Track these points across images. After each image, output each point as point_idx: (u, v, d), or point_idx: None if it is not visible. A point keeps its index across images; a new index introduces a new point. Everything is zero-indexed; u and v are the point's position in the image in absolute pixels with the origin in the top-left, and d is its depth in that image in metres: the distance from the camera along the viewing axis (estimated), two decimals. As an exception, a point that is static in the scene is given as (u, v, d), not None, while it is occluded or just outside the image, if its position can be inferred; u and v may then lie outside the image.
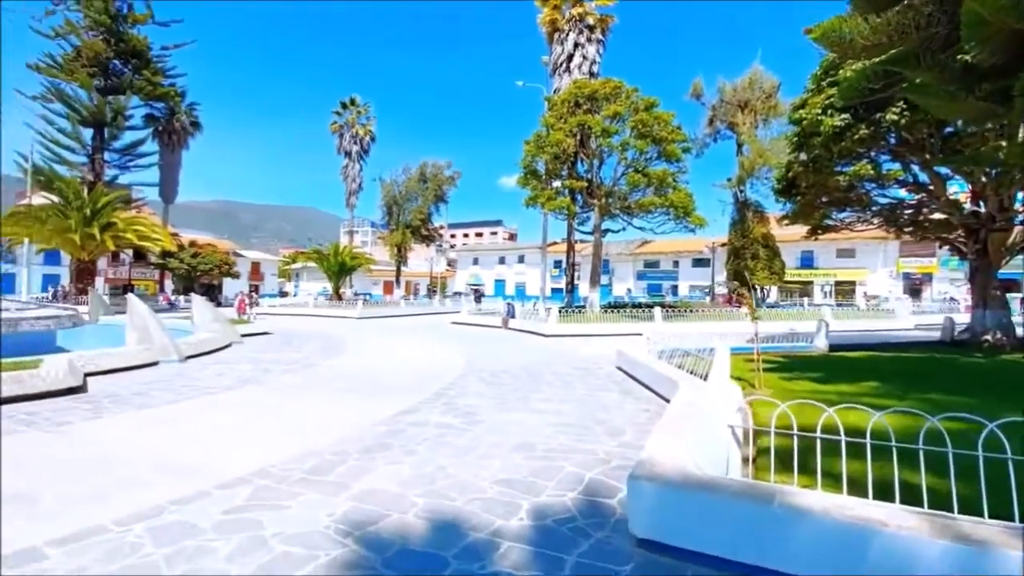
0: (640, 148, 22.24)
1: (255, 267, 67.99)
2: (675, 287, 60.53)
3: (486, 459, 4.87)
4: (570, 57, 30.40)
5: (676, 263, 61.62)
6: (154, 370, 9.86)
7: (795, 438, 3.35)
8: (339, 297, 38.36)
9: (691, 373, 7.63)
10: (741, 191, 35.67)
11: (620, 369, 10.59)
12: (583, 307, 25.39)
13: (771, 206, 34.94)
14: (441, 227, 63.70)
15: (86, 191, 31.05)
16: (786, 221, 18.78)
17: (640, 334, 17.60)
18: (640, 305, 28.38)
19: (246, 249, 79.25)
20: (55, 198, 30.01)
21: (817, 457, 3.20)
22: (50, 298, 33.42)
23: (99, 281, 38.50)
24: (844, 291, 49.63)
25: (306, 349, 13.86)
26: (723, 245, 42.92)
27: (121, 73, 38.50)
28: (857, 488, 3.02)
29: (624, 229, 26.31)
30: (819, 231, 18.25)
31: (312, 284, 68.92)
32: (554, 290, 67.10)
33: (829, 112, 13.42)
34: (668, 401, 7.36)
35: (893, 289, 46.11)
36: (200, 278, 44.65)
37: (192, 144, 45.89)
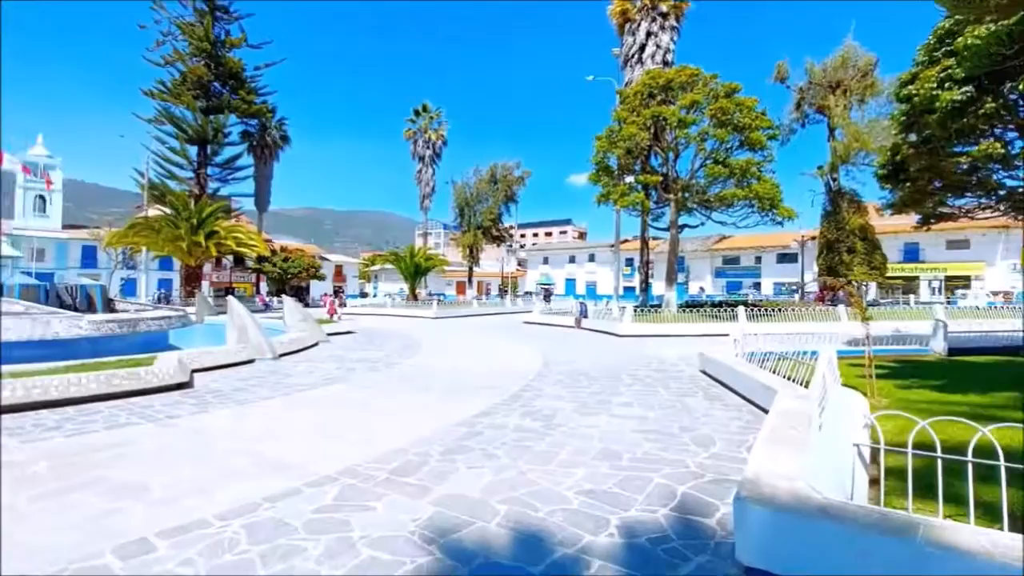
0: (720, 137, 21.01)
1: (338, 270, 72.04)
2: (757, 285, 56.96)
3: (569, 467, 4.66)
4: (642, 47, 29.41)
5: (758, 259, 57.98)
6: (251, 367, 10.56)
7: (939, 461, 2.86)
8: (415, 297, 39.65)
9: (789, 379, 6.98)
10: (834, 179, 32.80)
11: (704, 373, 9.98)
12: (658, 306, 24.45)
13: (870, 194, 31.92)
14: (511, 227, 64.22)
15: (193, 203, 34.28)
16: (890, 210, 16.97)
17: (721, 335, 16.63)
18: (720, 304, 26.89)
19: (330, 253, 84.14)
20: (167, 210, 33.39)
21: (969, 484, 2.71)
22: (154, 301, 37.21)
23: (204, 284, 42.44)
24: (956, 287, 44.26)
25: (386, 348, 14.34)
26: (813, 238, 39.75)
27: (220, 94, 42.11)
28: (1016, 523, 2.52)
29: (703, 224, 25.08)
30: (932, 220, 16.31)
31: (389, 285, 71.87)
32: (626, 289, 65.45)
33: (946, 85, 11.89)
34: (762, 409, 6.80)
35: (1017, 285, 40.51)
36: (290, 280, 47.89)
37: (282, 156, 49.39)
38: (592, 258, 72.59)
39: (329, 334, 16.05)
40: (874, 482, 3.77)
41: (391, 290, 65.43)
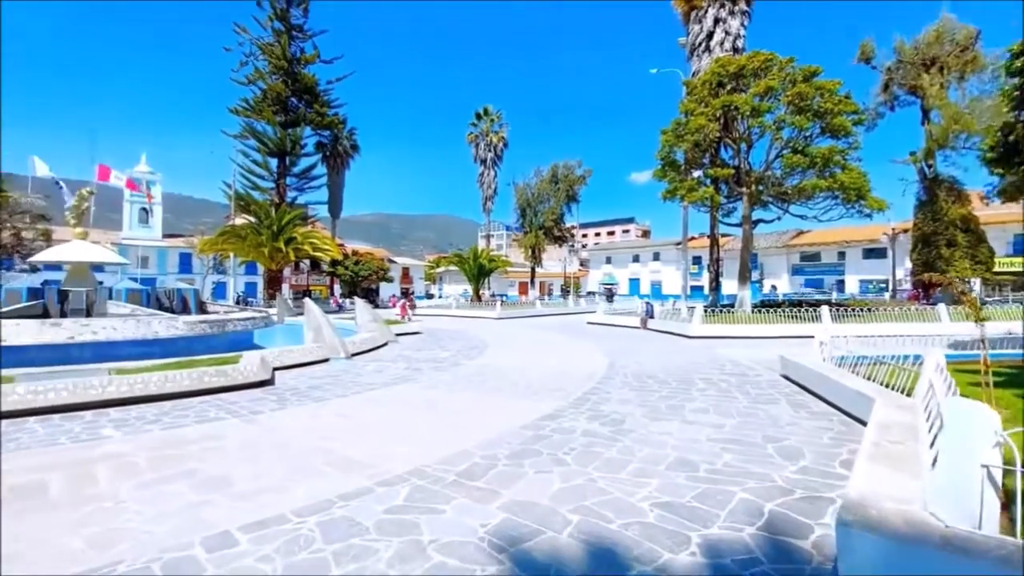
0: (799, 125, 19.59)
1: (405, 272, 74.55)
2: (840, 282, 52.84)
3: (642, 476, 4.43)
4: (709, 35, 28.07)
5: (842, 254, 53.82)
6: (325, 366, 11.04)
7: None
8: (479, 298, 40.18)
9: (887, 387, 6.32)
10: (929, 165, 29.72)
11: (786, 377, 9.30)
12: (730, 306, 23.20)
13: (973, 181, 28.71)
14: (572, 227, 63.67)
15: (273, 211, 36.64)
16: (999, 198, 15.12)
17: (802, 337, 15.52)
18: (800, 303, 25.17)
19: (397, 256, 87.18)
20: (251, 219, 35.89)
21: None
22: (235, 303, 40.00)
23: (284, 287, 45.26)
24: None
25: (452, 348, 14.55)
26: (905, 231, 36.34)
27: (297, 108, 44.71)
28: None
29: (779, 219, 23.49)
30: (1055, 207, 14.35)
31: (453, 287, 73.36)
32: (693, 288, 63.01)
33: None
34: (856, 419, 6.21)
35: None
36: (361, 283, 50.06)
37: (352, 165, 51.79)
38: (657, 257, 70.48)
39: (397, 334, 16.53)
40: (1006, 508, 3.27)
41: (455, 291, 66.85)
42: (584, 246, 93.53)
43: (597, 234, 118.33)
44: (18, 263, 36.94)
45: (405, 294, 55.60)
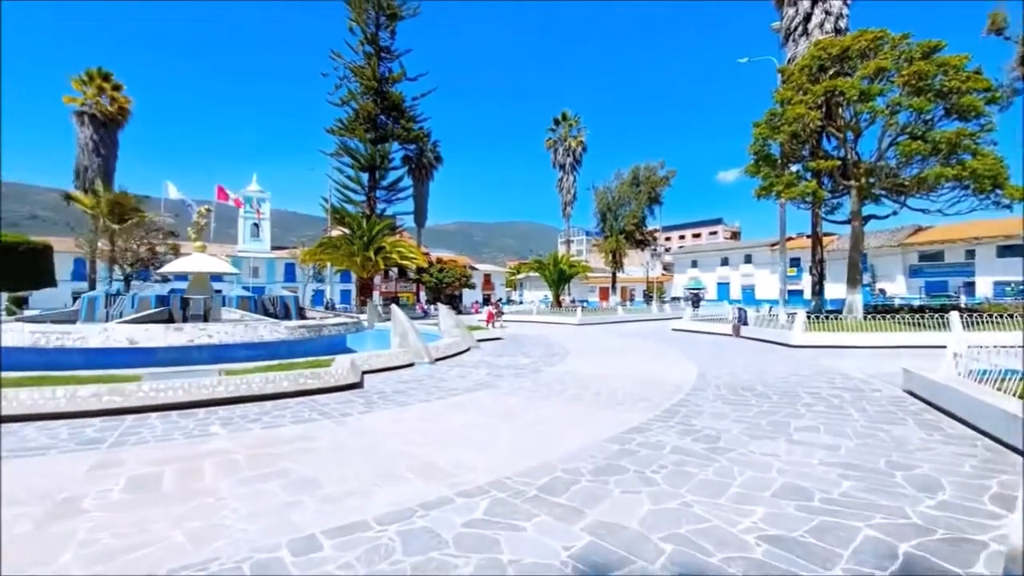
0: (917, 107, 17.39)
1: (487, 278, 76.01)
2: (969, 285, 46.25)
3: (744, 503, 3.97)
4: (807, 17, 25.87)
5: (971, 253, 47.17)
6: (411, 371, 11.35)
7: None
8: (559, 304, 39.88)
9: (1052, 408, 5.27)
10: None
11: (911, 394, 8.15)
12: (836, 312, 21.02)
13: None
14: (655, 231, 61.47)
15: (365, 223, 38.88)
16: None
17: (926, 347, 13.70)
18: (922, 309, 22.31)
19: (479, 263, 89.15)
20: (345, 230, 38.32)
21: None
22: (323, 309, 42.56)
23: (375, 294, 47.83)
24: None
25: (533, 354, 14.44)
26: (1059, 224, 31.01)
27: (385, 125, 47.19)
28: None
29: (895, 213, 21.00)
30: None
31: (533, 292, 73.61)
32: (791, 293, 58.27)
33: None
34: (1006, 446, 5.24)
35: None
36: (445, 289, 51.67)
37: (436, 176, 53.78)
38: (749, 259, 66.16)
39: (479, 340, 16.71)
40: None
41: (535, 297, 66.98)
42: (667, 250, 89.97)
43: (682, 237, 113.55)
44: (153, 274, 42.30)
45: (486, 300, 56.53)
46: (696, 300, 42.74)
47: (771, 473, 4.64)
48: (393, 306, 14.39)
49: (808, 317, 17.94)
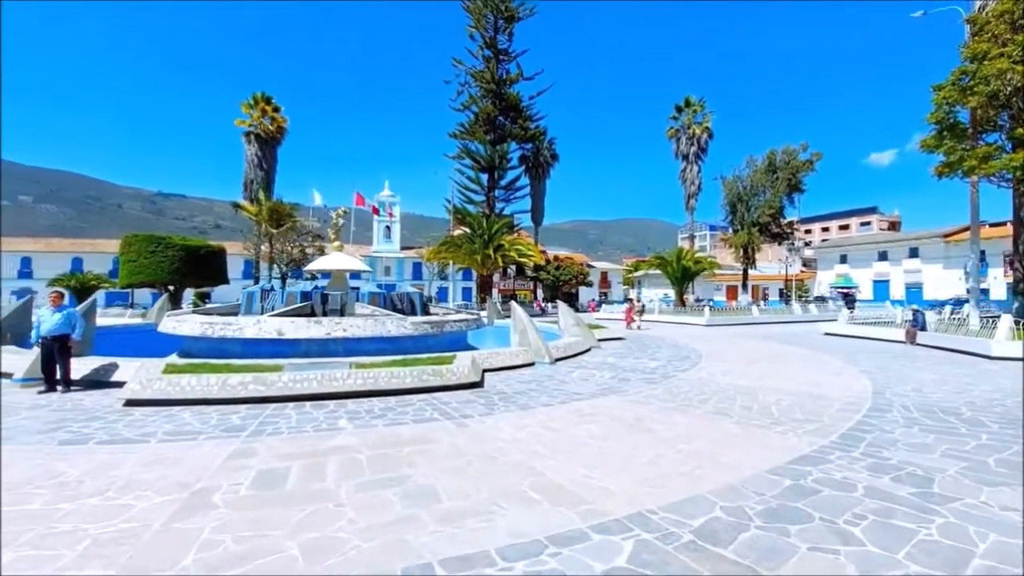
0: None
1: (603, 276, 74.24)
2: None
3: (1011, 590, 2.77)
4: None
5: None
6: (531, 370, 10.90)
7: None
8: (682, 303, 37.29)
9: None
10: None
11: None
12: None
13: None
14: (792, 223, 55.08)
15: (484, 222, 39.83)
16: None
17: None
18: None
19: (595, 261, 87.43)
20: (467, 229, 39.58)
21: None
22: (420, 302, 43.98)
23: (494, 292, 48.95)
24: None
25: (660, 357, 13.24)
26: None
27: (503, 125, 47.99)
28: None
29: None
30: None
31: (652, 291, 70.24)
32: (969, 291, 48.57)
33: None
34: None
35: None
36: (562, 287, 51.23)
37: (552, 173, 53.54)
38: (914, 253, 56.42)
39: (600, 340, 15.84)
40: None
41: (654, 295, 63.75)
42: (807, 244, 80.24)
43: (825, 229, 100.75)
44: (305, 273, 47.66)
45: (602, 298, 55.06)
46: (850, 300, 37.14)
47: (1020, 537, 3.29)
48: (513, 303, 14.10)
49: (1017, 323, 14.33)
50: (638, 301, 23.76)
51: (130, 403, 7.27)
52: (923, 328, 16.39)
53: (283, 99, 45.52)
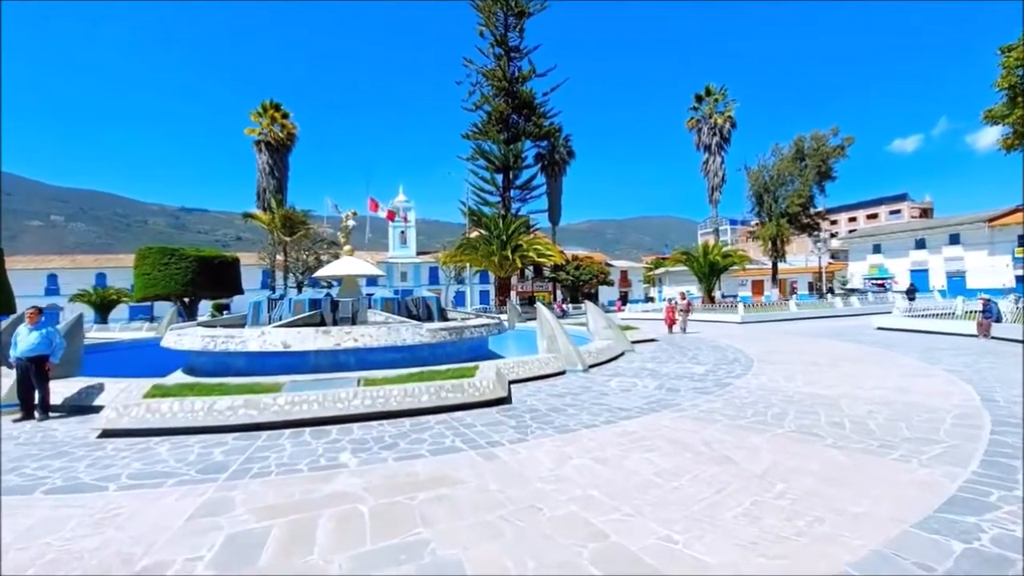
0: None
1: (623, 275, 72.48)
2: None
3: None
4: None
5: None
6: (563, 380, 9.66)
7: None
8: (711, 300, 35.59)
9: None
10: None
11: None
12: None
13: None
14: (822, 212, 52.69)
15: (501, 222, 38.69)
16: None
17: None
18: None
19: (614, 260, 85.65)
20: (483, 231, 38.48)
21: None
22: (422, 305, 42.88)
23: (512, 294, 47.75)
24: None
25: (704, 360, 11.86)
26: None
27: (517, 124, 46.82)
28: None
29: None
30: None
31: (674, 288, 68.26)
32: (1020, 279, 45.88)
33: None
34: None
35: None
36: (582, 287, 49.81)
37: (568, 171, 52.20)
38: (955, 239, 53.51)
39: (633, 342, 14.51)
40: None
41: (675, 293, 61.79)
42: (833, 235, 77.26)
43: (852, 219, 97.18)
44: (322, 280, 47.08)
45: (624, 296, 53.47)
46: (912, 293, 34.52)
47: None
48: (539, 304, 12.87)
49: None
50: (683, 298, 20.21)
51: (106, 434, 6.26)
52: (998, 319, 14.67)
53: (295, 106, 45.04)
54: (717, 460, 4.87)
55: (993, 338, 14.29)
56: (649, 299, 71.44)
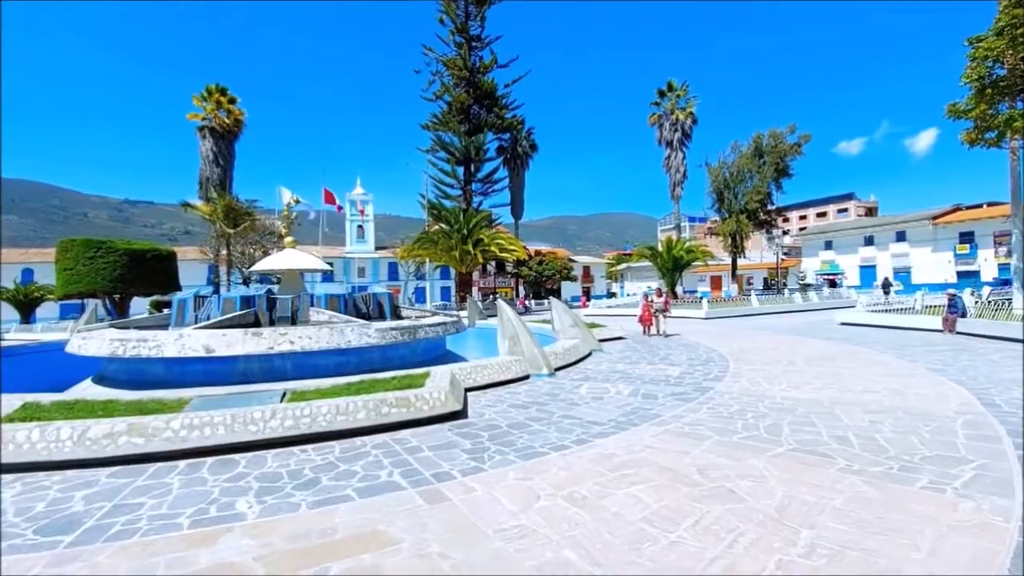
0: None
1: (586, 271, 72.40)
2: None
3: None
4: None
5: None
6: (526, 386, 8.64)
7: None
8: (674, 296, 35.46)
9: None
10: None
11: None
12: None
13: None
14: (779, 209, 53.89)
15: (462, 216, 37.40)
16: None
17: None
18: None
19: (576, 256, 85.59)
20: (444, 225, 37.10)
21: None
22: (420, 306, 41.60)
23: (474, 290, 46.54)
24: None
25: (677, 360, 11.10)
26: None
27: (478, 115, 45.54)
28: None
29: None
30: None
31: (635, 284, 68.63)
32: (963, 275, 48.24)
33: None
34: None
35: None
36: (545, 283, 49.12)
37: (531, 166, 51.32)
38: (901, 237, 55.79)
39: (600, 340, 13.66)
40: None
41: (636, 289, 62.00)
42: (786, 232, 79.69)
43: (803, 217, 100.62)
44: (272, 277, 44.47)
45: (603, 290, 53.12)
46: (887, 286, 34.97)
47: None
48: (500, 301, 11.81)
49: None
50: (660, 294, 17.45)
51: (-63, 472, 4.80)
52: (963, 314, 14.62)
53: (244, 93, 42.33)
54: (718, 495, 3.93)
55: (959, 333, 14.22)
56: (611, 294, 71.60)
